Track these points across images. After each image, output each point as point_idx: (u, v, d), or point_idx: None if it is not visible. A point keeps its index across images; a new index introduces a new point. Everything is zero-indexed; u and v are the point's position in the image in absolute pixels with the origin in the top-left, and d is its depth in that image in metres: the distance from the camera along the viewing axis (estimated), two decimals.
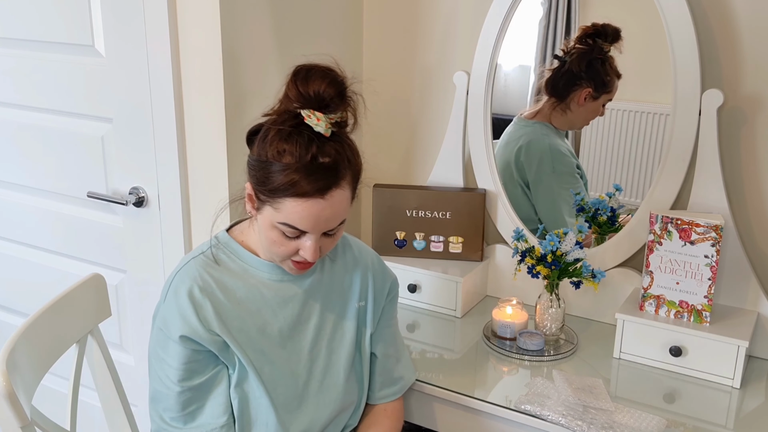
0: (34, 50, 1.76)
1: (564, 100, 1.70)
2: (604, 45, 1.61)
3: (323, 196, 1.07)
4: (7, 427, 1.10)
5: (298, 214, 1.08)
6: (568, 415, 1.28)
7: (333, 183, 1.08)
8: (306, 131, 1.07)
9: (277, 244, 1.13)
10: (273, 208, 1.10)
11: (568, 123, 1.72)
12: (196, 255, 1.21)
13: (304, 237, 1.12)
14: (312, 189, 1.06)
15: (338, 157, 1.09)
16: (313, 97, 1.08)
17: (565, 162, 1.73)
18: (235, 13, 1.51)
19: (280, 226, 1.10)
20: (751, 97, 1.48)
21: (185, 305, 1.15)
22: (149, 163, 1.66)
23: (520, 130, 1.76)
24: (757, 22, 1.44)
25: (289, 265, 1.18)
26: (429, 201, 1.76)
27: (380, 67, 1.92)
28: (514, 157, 1.75)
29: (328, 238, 1.15)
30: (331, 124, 1.08)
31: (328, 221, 1.11)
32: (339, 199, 1.09)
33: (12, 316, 2.10)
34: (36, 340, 1.24)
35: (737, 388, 1.41)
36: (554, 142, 1.73)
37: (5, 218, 2.00)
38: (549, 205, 1.74)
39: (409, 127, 1.92)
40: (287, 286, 1.22)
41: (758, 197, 1.52)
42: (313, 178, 1.06)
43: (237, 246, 1.22)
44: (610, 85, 1.64)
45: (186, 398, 1.15)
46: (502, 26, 1.65)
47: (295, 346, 1.22)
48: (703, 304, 1.46)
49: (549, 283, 1.55)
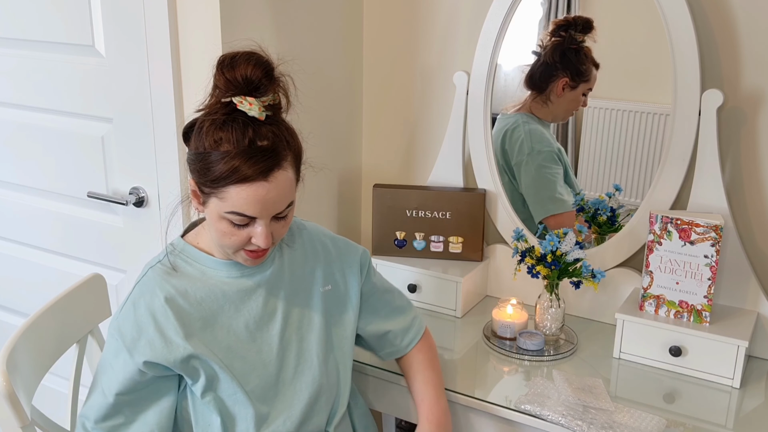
0: (34, 50, 1.76)
1: (543, 91, 1.72)
2: (577, 35, 1.65)
3: (266, 179, 1.07)
4: (7, 427, 1.10)
5: (243, 200, 1.07)
6: (568, 415, 1.28)
7: (274, 164, 1.08)
8: (240, 117, 1.08)
9: (228, 235, 1.12)
10: (218, 198, 1.09)
11: (551, 114, 1.74)
12: (153, 264, 1.20)
13: (254, 224, 1.11)
14: (254, 172, 1.06)
15: (276, 139, 1.09)
16: (242, 81, 1.08)
17: (544, 142, 1.74)
18: (235, 13, 1.51)
19: (228, 215, 1.10)
20: (751, 97, 1.48)
21: (145, 321, 1.14)
22: (149, 163, 1.66)
23: (502, 122, 1.77)
24: (757, 22, 1.44)
25: (243, 257, 1.16)
26: (429, 201, 1.76)
27: (380, 67, 1.92)
28: (500, 144, 1.77)
29: (279, 223, 1.14)
30: (264, 107, 1.09)
31: (276, 203, 1.10)
32: (282, 180, 1.09)
33: (12, 316, 2.10)
34: (36, 340, 1.24)
35: (737, 388, 1.41)
36: (534, 126, 1.75)
37: (5, 218, 2.00)
38: (530, 184, 1.75)
39: (409, 127, 1.92)
40: (247, 281, 1.21)
41: (758, 197, 1.52)
42: (254, 161, 1.06)
43: (192, 249, 1.21)
44: (586, 74, 1.67)
45: (116, 411, 1.14)
46: (502, 26, 1.65)
47: (264, 337, 1.21)
48: (702, 304, 1.46)
49: (549, 283, 1.55)
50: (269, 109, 1.10)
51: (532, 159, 1.74)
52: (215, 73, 1.11)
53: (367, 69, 1.94)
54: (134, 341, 1.13)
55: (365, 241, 2.06)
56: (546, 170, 1.73)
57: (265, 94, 1.09)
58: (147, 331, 1.13)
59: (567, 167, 1.75)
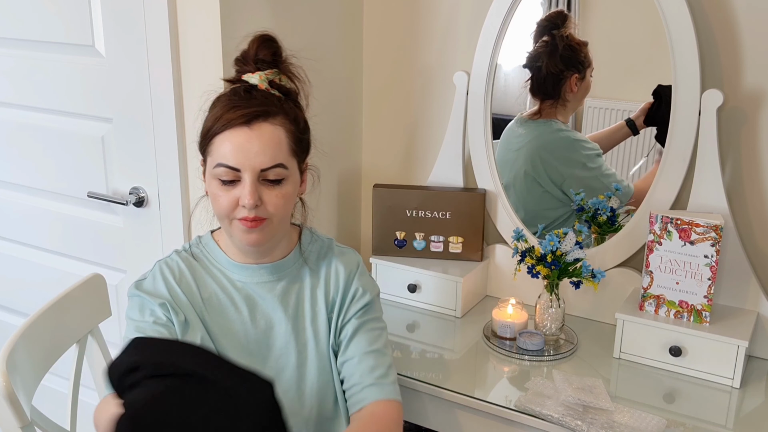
0: (34, 50, 1.76)
1: (559, 96, 1.72)
2: (561, 31, 1.66)
3: (249, 125, 1.08)
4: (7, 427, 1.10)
5: (225, 147, 1.08)
6: (568, 415, 1.28)
7: (259, 114, 1.08)
8: (242, 85, 1.12)
9: (218, 198, 1.12)
10: (209, 156, 1.12)
11: (571, 111, 1.75)
12: (179, 249, 1.24)
13: (241, 182, 1.10)
14: (236, 116, 1.08)
15: (270, 99, 1.11)
16: (251, 57, 1.13)
17: (587, 146, 1.74)
18: (235, 13, 1.51)
19: (216, 170, 1.10)
20: (751, 97, 1.48)
21: (170, 276, 1.18)
22: (149, 163, 1.66)
23: (527, 130, 1.76)
24: (757, 22, 1.44)
25: (239, 228, 1.12)
26: (429, 201, 1.76)
27: (380, 67, 1.92)
28: (531, 159, 1.75)
29: (271, 190, 1.11)
30: (267, 79, 1.12)
31: (258, 155, 1.08)
32: (267, 132, 1.09)
33: (12, 316, 2.10)
34: (36, 340, 1.24)
35: (737, 388, 1.41)
36: (568, 134, 1.76)
37: (5, 218, 2.00)
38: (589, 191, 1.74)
39: (409, 127, 1.92)
40: (257, 289, 1.20)
41: (758, 197, 1.52)
42: (237, 108, 1.08)
43: (214, 245, 1.23)
44: (587, 60, 1.69)
45: None
46: (502, 26, 1.65)
47: (261, 352, 1.19)
48: (702, 304, 1.46)
49: (549, 283, 1.55)
50: (274, 87, 1.12)
51: (582, 172, 1.74)
52: (235, 62, 1.16)
53: (367, 69, 1.94)
54: (149, 287, 1.17)
55: (365, 241, 2.06)
56: (594, 177, 1.72)
57: (270, 68, 1.13)
58: (169, 282, 1.17)
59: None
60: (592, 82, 1.69)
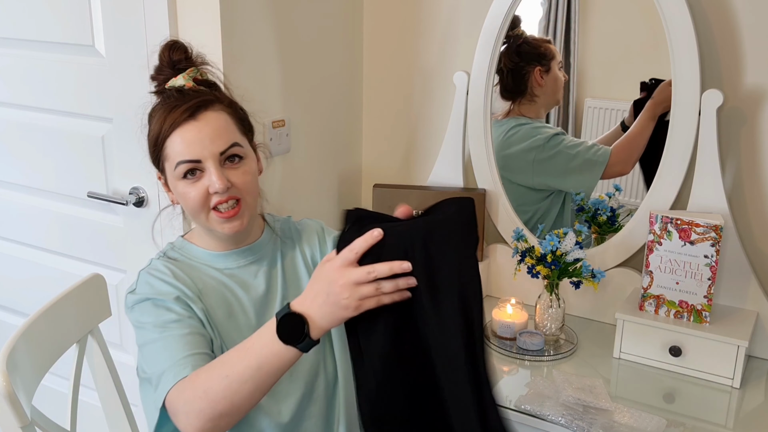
0: (34, 50, 1.76)
1: (525, 92, 1.75)
2: (515, 31, 1.69)
3: (195, 117, 1.11)
4: (7, 427, 1.10)
5: (180, 144, 1.11)
6: (568, 415, 1.28)
7: (200, 105, 1.12)
8: (172, 92, 1.15)
9: (188, 195, 1.13)
10: (167, 162, 1.14)
11: (545, 105, 1.76)
12: (155, 258, 1.23)
13: (205, 172, 1.12)
14: (181, 115, 1.11)
15: (200, 94, 1.15)
16: (167, 64, 1.16)
17: (540, 133, 1.75)
18: (235, 13, 1.51)
19: (178, 170, 1.12)
20: (751, 97, 1.48)
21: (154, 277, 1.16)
22: (149, 163, 1.65)
23: (495, 132, 1.77)
24: (757, 22, 1.44)
25: (216, 220, 1.14)
26: (429, 201, 1.75)
27: (380, 67, 1.92)
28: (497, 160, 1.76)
29: (235, 170, 1.14)
30: (190, 77, 1.15)
31: (213, 140, 1.11)
32: (213, 118, 1.12)
33: (12, 316, 2.10)
34: (36, 340, 1.24)
35: (737, 387, 1.41)
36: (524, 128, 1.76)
37: (5, 218, 2.00)
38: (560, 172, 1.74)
39: (409, 127, 1.92)
40: (245, 271, 1.22)
41: (758, 197, 1.52)
42: (176, 107, 1.12)
43: (190, 245, 1.24)
44: (549, 53, 1.71)
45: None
46: (502, 26, 1.65)
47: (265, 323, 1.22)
48: (702, 304, 1.46)
49: (549, 283, 1.55)
50: (201, 83, 1.16)
51: (541, 154, 1.74)
52: (152, 78, 1.19)
53: (367, 69, 1.94)
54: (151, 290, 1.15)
55: None
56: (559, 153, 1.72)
57: (188, 67, 1.17)
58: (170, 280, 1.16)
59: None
60: (566, 75, 1.70)
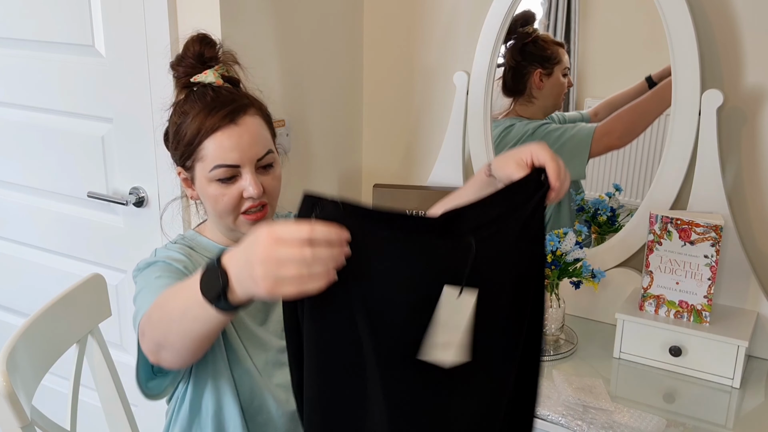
0: (34, 50, 1.76)
1: (523, 92, 1.74)
2: (527, 29, 1.68)
3: (235, 122, 1.11)
4: (7, 427, 1.10)
5: (221, 148, 1.10)
6: (568, 415, 1.28)
7: (239, 109, 1.12)
8: (200, 88, 1.14)
9: (220, 198, 1.13)
10: (199, 162, 1.12)
11: (542, 109, 1.75)
12: (168, 244, 1.24)
13: (240, 176, 1.12)
14: (221, 119, 1.10)
15: (236, 96, 1.14)
16: (193, 57, 1.15)
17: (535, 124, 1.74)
18: (235, 13, 1.51)
19: (213, 173, 1.11)
20: (751, 97, 1.48)
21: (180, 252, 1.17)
22: (149, 163, 1.66)
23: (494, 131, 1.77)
24: (757, 22, 1.44)
25: (244, 223, 1.15)
26: (429, 201, 1.76)
27: (380, 67, 1.92)
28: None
29: (267, 175, 1.15)
30: (219, 74, 1.14)
31: (252, 146, 1.11)
32: (252, 123, 1.13)
33: (12, 316, 2.10)
34: (36, 340, 1.24)
35: (737, 387, 1.41)
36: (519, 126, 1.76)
37: (5, 218, 2.00)
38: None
39: (409, 127, 1.92)
40: None
41: (758, 197, 1.52)
42: (218, 110, 1.11)
43: (201, 238, 1.24)
44: (554, 57, 1.69)
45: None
46: (502, 26, 1.65)
47: (271, 318, 1.23)
48: (702, 304, 1.46)
49: (549, 283, 1.55)
50: (227, 80, 1.16)
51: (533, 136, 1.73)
52: (172, 67, 1.18)
53: (367, 69, 1.94)
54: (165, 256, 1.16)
55: None
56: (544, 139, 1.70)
57: (217, 63, 1.16)
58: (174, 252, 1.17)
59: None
60: (570, 83, 1.69)
